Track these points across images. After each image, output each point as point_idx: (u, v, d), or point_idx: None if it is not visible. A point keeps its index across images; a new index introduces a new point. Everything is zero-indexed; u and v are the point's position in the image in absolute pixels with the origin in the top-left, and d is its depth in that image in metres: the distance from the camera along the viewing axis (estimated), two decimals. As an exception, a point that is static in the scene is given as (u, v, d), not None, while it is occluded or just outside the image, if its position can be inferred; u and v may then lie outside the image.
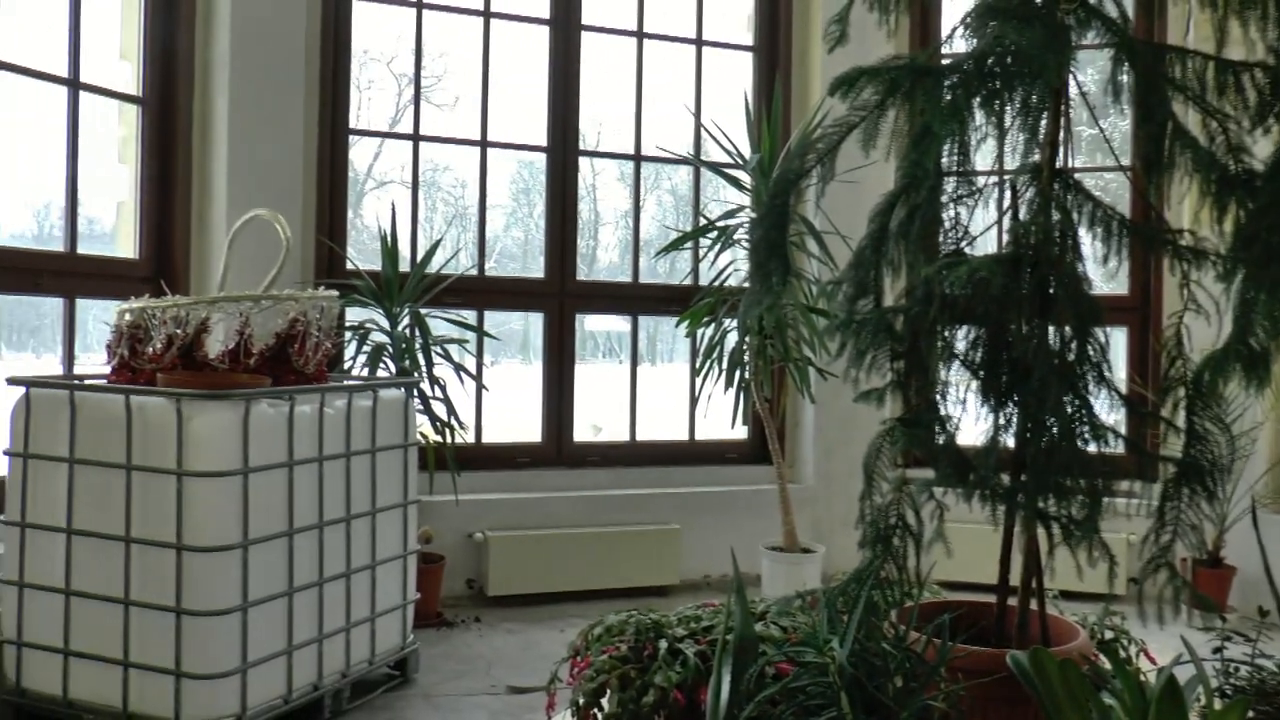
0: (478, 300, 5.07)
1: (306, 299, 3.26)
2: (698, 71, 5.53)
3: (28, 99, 3.94)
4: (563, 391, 5.23)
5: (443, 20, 5.19)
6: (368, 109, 13.47)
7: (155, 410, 2.93)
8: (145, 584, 2.92)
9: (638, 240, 5.60)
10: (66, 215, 4.09)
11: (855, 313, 2.68)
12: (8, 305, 3.86)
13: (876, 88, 2.66)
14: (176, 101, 4.40)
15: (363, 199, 8.09)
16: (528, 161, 10.21)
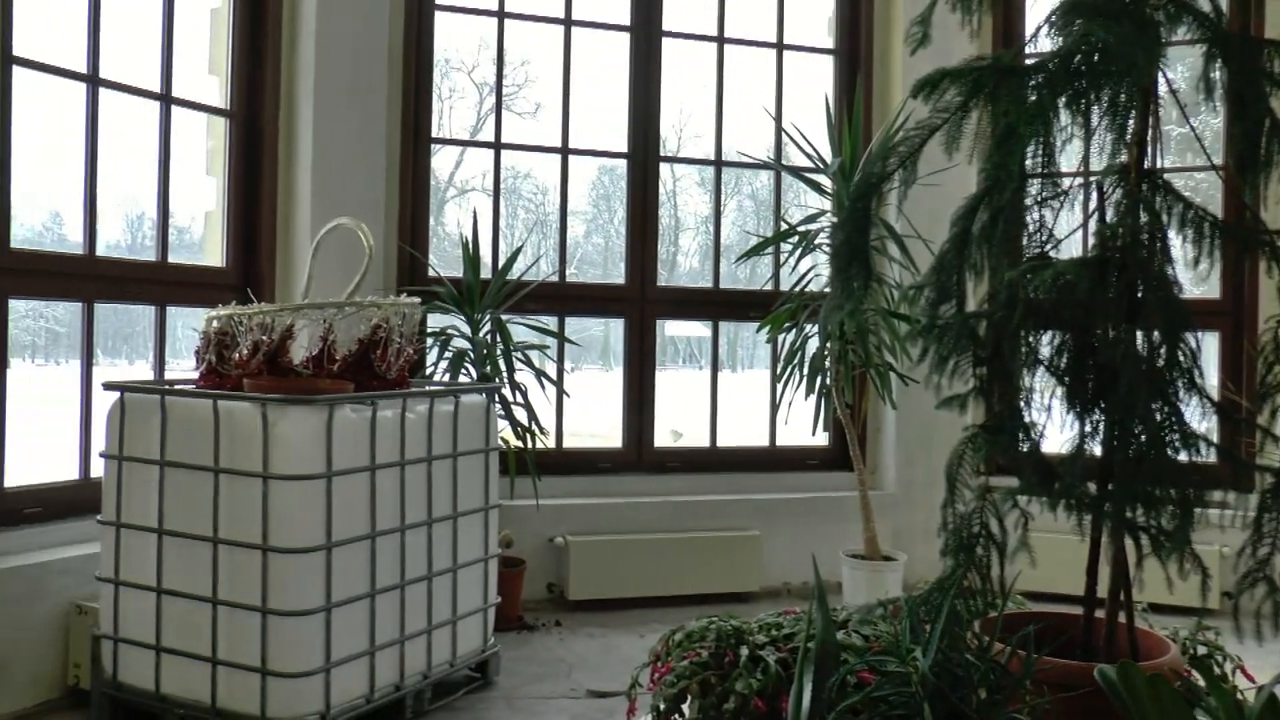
0: (558, 306, 5.09)
1: (389, 306, 3.30)
2: (778, 75, 5.50)
3: (122, 114, 4.05)
4: (643, 397, 5.24)
5: (524, 29, 5.24)
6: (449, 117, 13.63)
7: (242, 415, 2.99)
8: (232, 584, 2.98)
9: (718, 245, 5.59)
10: (158, 226, 4.20)
11: (937, 318, 2.64)
12: (103, 313, 3.97)
13: (959, 89, 2.63)
14: (263, 114, 4.49)
15: (444, 206, 8.18)
16: (608, 168, 10.21)
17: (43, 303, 6.34)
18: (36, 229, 9.49)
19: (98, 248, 3.93)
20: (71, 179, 3.91)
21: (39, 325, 15.54)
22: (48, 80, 3.76)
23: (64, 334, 15.20)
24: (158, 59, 4.16)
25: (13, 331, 3.57)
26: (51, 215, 9.07)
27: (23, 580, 3.35)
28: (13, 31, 3.52)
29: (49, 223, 9.36)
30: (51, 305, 10.50)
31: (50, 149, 4.09)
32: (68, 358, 17.88)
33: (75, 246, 3.96)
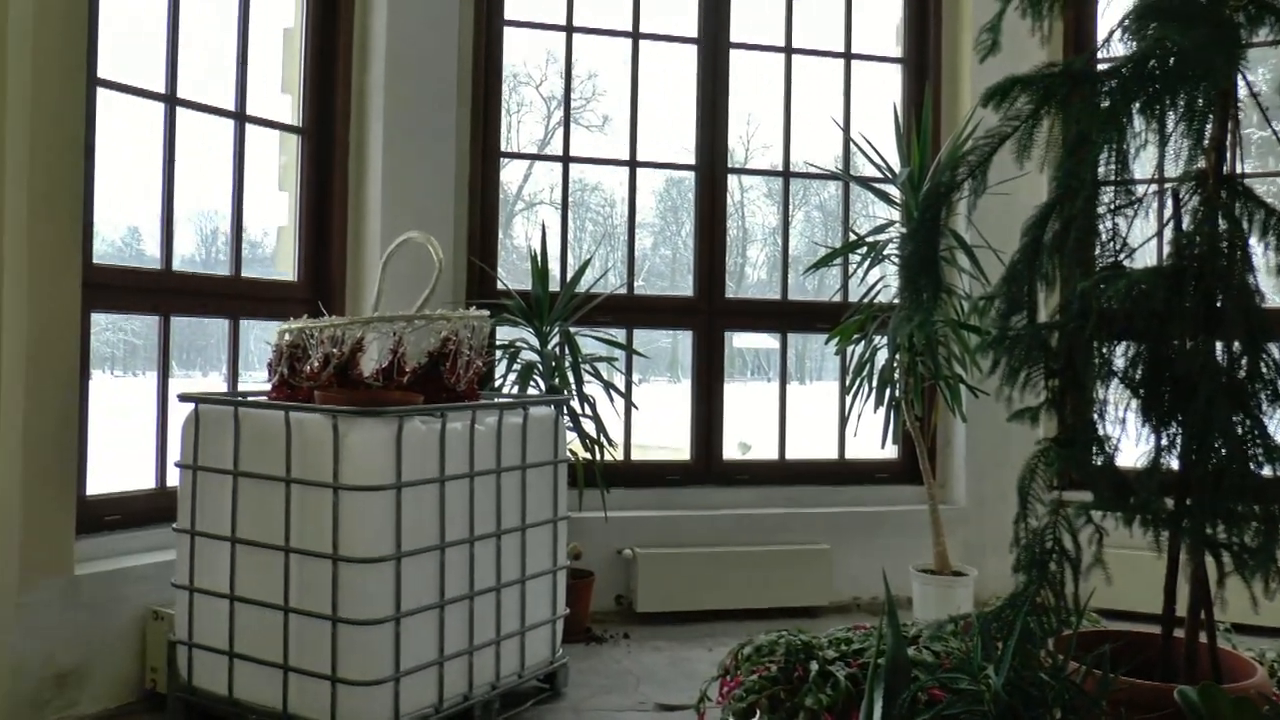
0: (626, 318, 5.10)
1: (458, 319, 3.33)
2: (846, 85, 5.47)
3: (198, 132, 4.14)
4: (711, 409, 5.23)
5: (592, 42, 5.26)
6: (518, 131, 13.73)
7: (313, 426, 3.03)
8: (303, 592, 3.02)
9: (786, 257, 5.56)
10: (231, 241, 4.28)
11: (1008, 329, 2.60)
12: (179, 326, 4.06)
13: (1030, 96, 2.59)
14: (334, 130, 4.56)
15: (513, 220, 8.24)
16: (676, 179, 10.23)
17: (121, 316, 6.48)
18: (116, 244, 9.71)
19: (174, 262, 4.01)
20: (149, 195, 4.00)
21: (118, 338, 15.90)
22: (128, 100, 3.86)
23: (141, 346, 15.54)
24: (233, 78, 4.25)
25: (93, 344, 3.66)
26: (130, 231, 9.28)
27: (103, 585, 3.43)
28: (98, 55, 3.62)
29: (127, 238, 9.57)
30: (130, 318, 10.74)
31: (129, 166, 4.19)
32: (145, 369, 18.26)
33: (152, 261, 4.05)
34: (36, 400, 3.25)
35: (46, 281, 3.28)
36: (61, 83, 3.35)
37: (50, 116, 3.30)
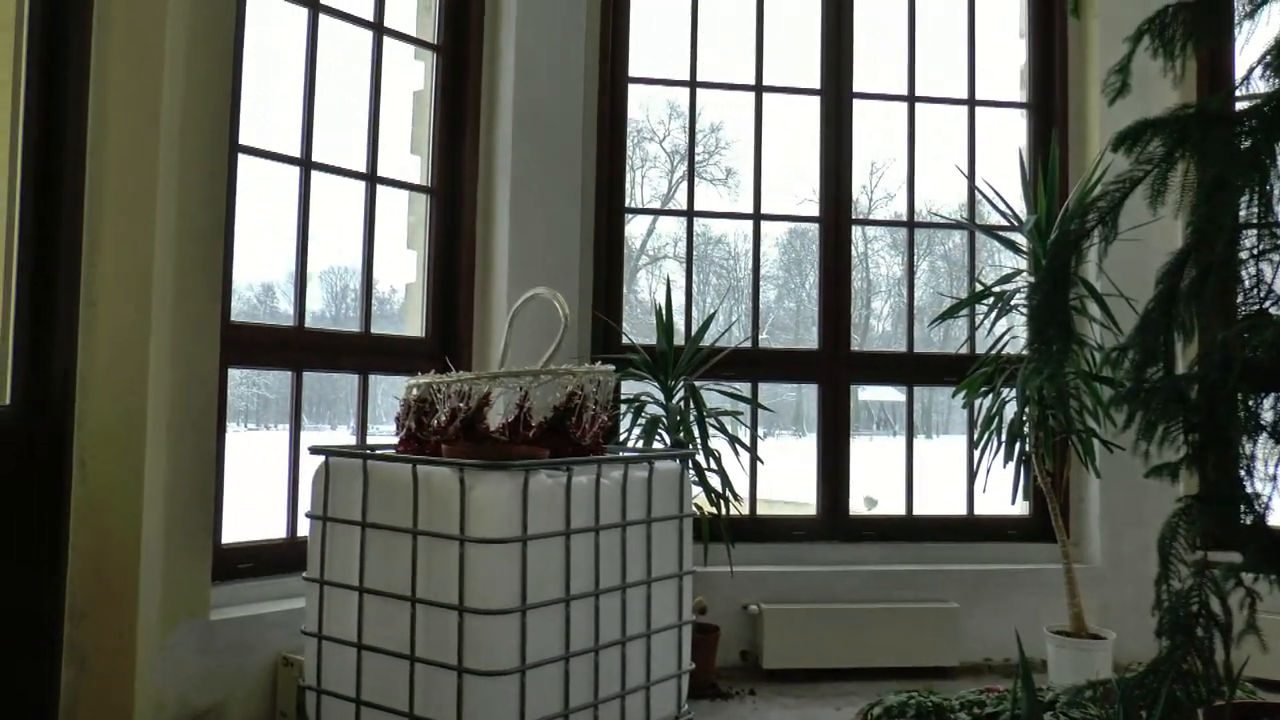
0: (751, 372, 5.09)
1: (584, 373, 3.36)
2: (970, 132, 5.40)
3: (331, 193, 4.29)
4: (837, 463, 5.16)
5: (715, 95, 5.31)
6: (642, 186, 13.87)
7: (440, 479, 3.08)
8: (430, 642, 3.05)
9: (912, 308, 5.49)
10: (361, 298, 4.40)
11: (1143, 381, 2.52)
12: (310, 380, 4.18)
13: (1163, 139, 2.52)
14: (462, 189, 4.67)
15: (637, 274, 8.31)
16: (800, 231, 10.20)
17: (256, 371, 6.71)
18: (251, 301, 10.07)
19: (306, 319, 4.15)
20: (283, 254, 4.15)
21: (251, 392, 16.43)
22: (265, 165, 4.02)
23: (274, 400, 16.03)
24: (364, 141, 4.39)
25: (229, 398, 3.79)
26: (264, 288, 9.62)
27: (236, 631, 3.53)
28: (239, 123, 3.79)
29: (262, 295, 9.92)
30: (263, 373, 11.11)
31: (264, 227, 4.36)
32: (277, 423, 18.83)
33: (286, 318, 4.19)
34: (178, 452, 3.38)
35: (189, 338, 3.42)
36: (207, 150, 3.51)
37: (196, 182, 3.46)
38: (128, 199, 3.25)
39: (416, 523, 3.10)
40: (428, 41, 4.72)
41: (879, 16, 5.44)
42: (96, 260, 3.23)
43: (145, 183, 3.25)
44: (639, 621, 3.45)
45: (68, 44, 3.14)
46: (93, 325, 3.23)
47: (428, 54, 4.74)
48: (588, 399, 3.34)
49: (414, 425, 3.37)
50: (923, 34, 5.36)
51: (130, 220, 3.26)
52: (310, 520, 3.37)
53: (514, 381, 3.28)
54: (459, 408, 3.23)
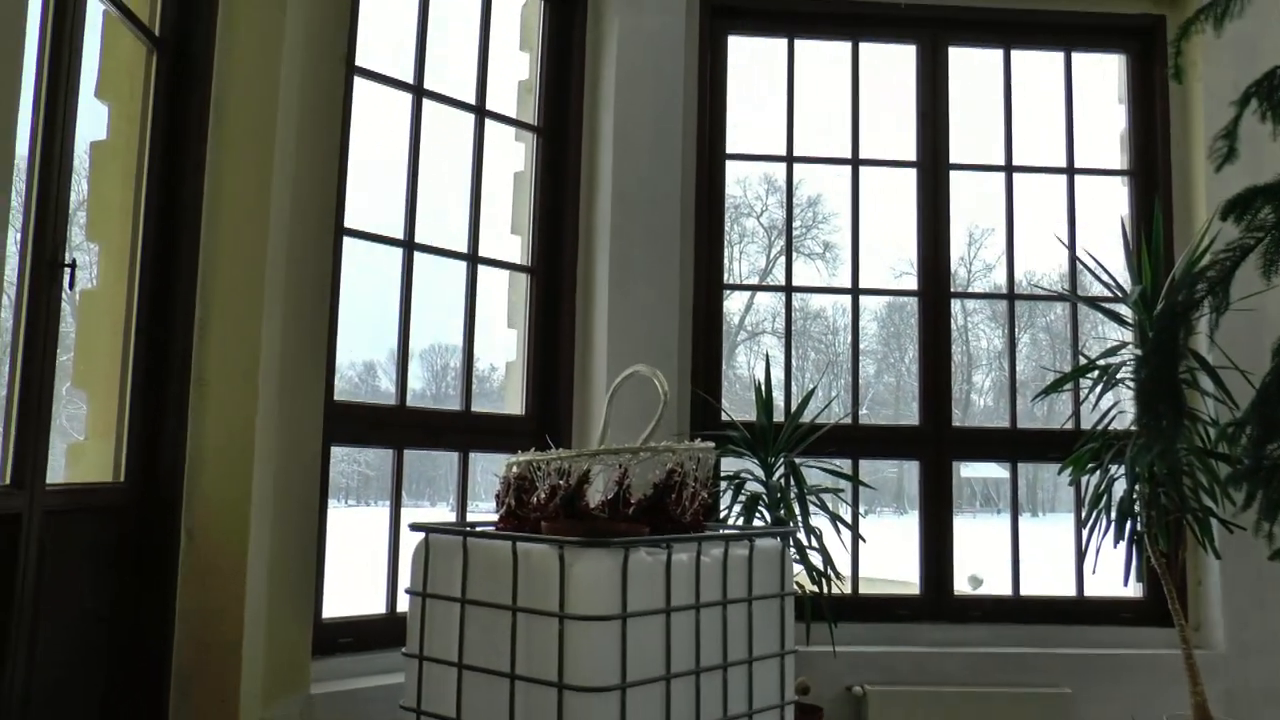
0: (851, 448, 5.02)
1: (683, 450, 3.35)
2: (1070, 201, 5.31)
3: (432, 272, 4.38)
4: (941, 541, 5.05)
5: (811, 169, 5.32)
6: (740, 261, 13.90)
7: (539, 556, 3.08)
8: (530, 718, 3.03)
9: (1014, 382, 5.39)
10: (462, 376, 4.47)
11: (1263, 457, 2.43)
12: (411, 458, 4.25)
13: (1275, 206, 2.46)
14: (561, 267, 4.74)
15: (735, 349, 8.31)
16: (898, 305, 10.13)
17: (357, 448, 6.84)
18: (353, 380, 10.28)
19: (407, 397, 4.21)
20: (385, 333, 4.24)
21: (353, 469, 16.72)
22: (369, 247, 4.13)
23: (374, 477, 16.28)
24: (465, 221, 4.49)
25: (331, 474, 3.86)
26: (366, 366, 9.81)
27: (336, 705, 3.56)
28: (345, 206, 3.90)
29: (364, 374, 10.12)
30: (364, 450, 11.29)
31: (367, 307, 4.47)
32: (377, 499, 19.10)
33: (387, 396, 4.27)
34: (281, 527, 3.45)
35: (294, 417, 3.50)
36: (314, 235, 3.62)
37: (303, 262, 3.57)
38: (237, 282, 3.36)
39: (516, 599, 3.10)
40: (528, 123, 4.82)
41: (974, 85, 5.43)
42: (207, 341, 3.32)
43: (254, 267, 3.35)
44: (740, 701, 3.39)
45: (186, 134, 3.27)
46: (202, 403, 3.31)
47: (528, 135, 4.84)
48: (687, 476, 3.33)
49: (514, 502, 3.38)
50: (1019, 101, 5.33)
51: (240, 303, 3.35)
52: (410, 596, 3.39)
53: (613, 459, 3.29)
54: (559, 485, 3.24)
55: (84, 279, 3.06)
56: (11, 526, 2.41)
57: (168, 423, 3.21)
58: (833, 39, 5.31)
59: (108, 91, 3.07)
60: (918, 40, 5.28)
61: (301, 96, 3.60)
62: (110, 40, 3.05)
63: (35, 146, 2.44)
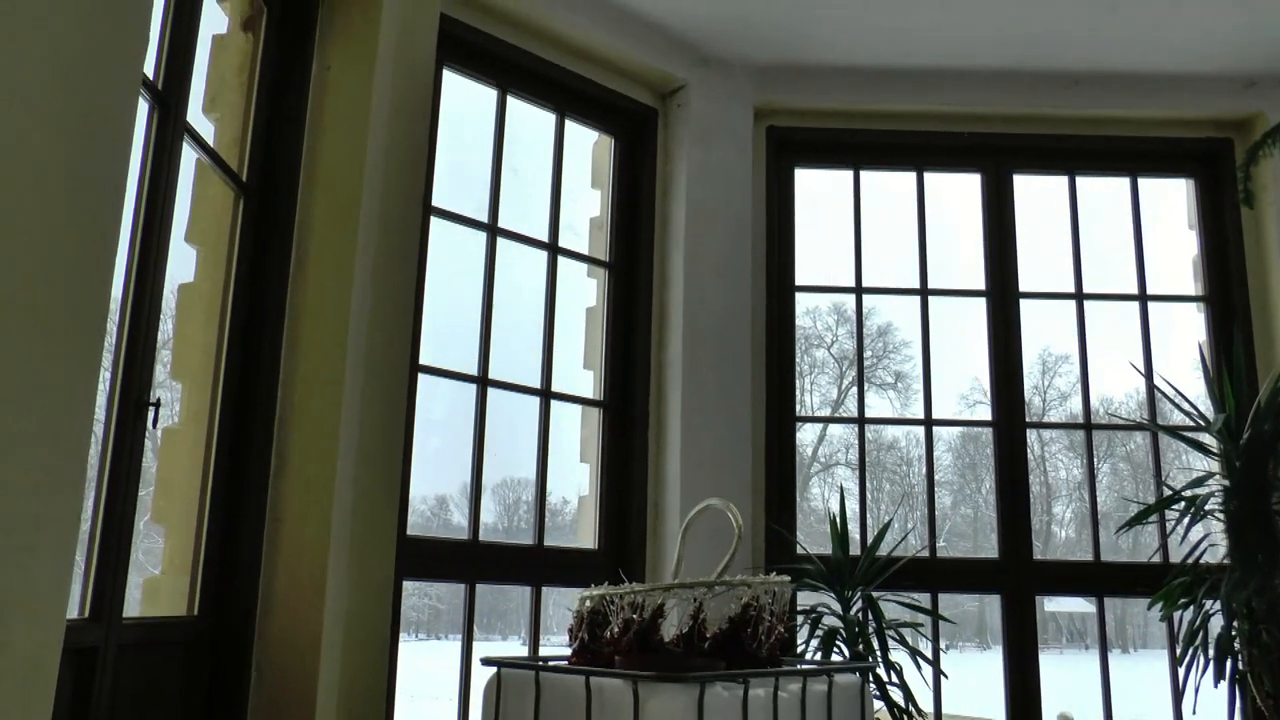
0: (930, 581, 4.91)
1: (758, 584, 3.30)
2: (1144, 328, 5.24)
3: (505, 407, 4.42)
4: (1026, 677, 4.88)
5: (880, 300, 5.33)
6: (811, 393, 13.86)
7: (613, 691, 3.02)
8: None
9: (1095, 513, 5.26)
10: (535, 510, 4.47)
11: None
12: (482, 592, 4.23)
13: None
14: (633, 402, 4.75)
15: (809, 481, 8.25)
16: (973, 435, 10.01)
17: (428, 582, 6.84)
18: (425, 514, 10.30)
19: (480, 531, 4.21)
20: (458, 468, 4.26)
21: (424, 603, 16.66)
22: (443, 383, 4.18)
23: (445, 611, 16.19)
24: (538, 356, 4.54)
25: (403, 609, 3.85)
26: (438, 501, 9.84)
27: None
28: (420, 343, 3.97)
29: (436, 508, 10.14)
30: (435, 585, 11.24)
31: (441, 441, 4.51)
32: (448, 633, 18.93)
33: (459, 530, 4.27)
34: (352, 661, 3.42)
35: (367, 551, 3.51)
36: (389, 371, 3.68)
37: (378, 399, 3.62)
38: (314, 420, 3.40)
39: (590, 738, 3.04)
40: (600, 259, 4.90)
41: (1041, 211, 5.43)
42: (283, 477, 3.36)
43: (331, 406, 3.40)
44: None
45: (268, 276, 3.36)
46: (276, 539, 3.34)
47: (600, 271, 4.92)
48: (763, 610, 3.27)
49: (587, 636, 3.34)
50: (1087, 227, 5.31)
51: (316, 439, 3.40)
52: (482, 732, 3.35)
53: (688, 593, 3.25)
54: (632, 619, 3.19)
55: (166, 416, 3.13)
56: (88, 659, 2.42)
57: (242, 558, 3.23)
58: (897, 169, 5.36)
59: (196, 235, 3.18)
60: (981, 169, 5.32)
61: (379, 237, 3.70)
62: (201, 186, 3.17)
63: (128, 290, 2.53)
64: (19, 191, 1.63)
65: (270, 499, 3.33)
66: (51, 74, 1.71)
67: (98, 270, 1.89)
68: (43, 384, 1.70)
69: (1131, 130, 5.31)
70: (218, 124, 3.28)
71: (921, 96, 5.23)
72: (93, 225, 1.86)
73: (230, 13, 3.37)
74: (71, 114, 1.78)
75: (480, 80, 4.54)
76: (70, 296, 1.78)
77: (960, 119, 5.29)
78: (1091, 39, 4.92)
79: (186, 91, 2.80)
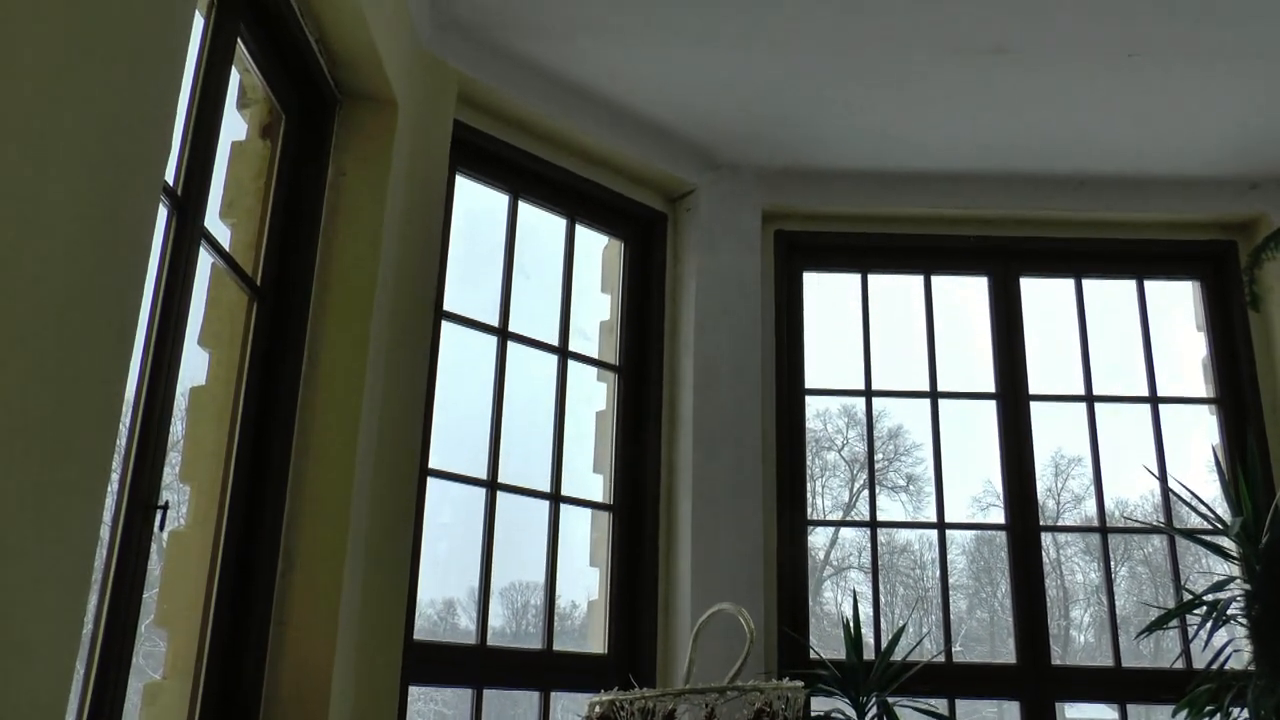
0: (946, 687, 4.81)
1: (771, 689, 3.25)
2: (1156, 430, 5.19)
3: (515, 511, 4.40)
4: (1047, 789, 4.76)
5: (891, 403, 5.32)
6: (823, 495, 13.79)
7: (625, 806, 2.96)
8: None
9: (1114, 618, 5.18)
10: (544, 615, 4.42)
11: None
12: (490, 696, 4.16)
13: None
14: (644, 504, 4.73)
15: (822, 585, 8.17)
16: (987, 538, 9.95)
17: (435, 688, 6.73)
18: (433, 618, 10.18)
19: (488, 635, 4.16)
20: (466, 572, 4.23)
21: (430, 708, 16.39)
22: (452, 486, 4.17)
23: (451, 716, 15.92)
24: (548, 460, 4.53)
25: (408, 714, 3.78)
26: (445, 604, 9.74)
27: None
28: (430, 447, 3.97)
29: (443, 612, 10.03)
30: (442, 690, 11.07)
31: (449, 545, 4.48)
32: (455, 738, 18.61)
33: (466, 634, 4.23)
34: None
35: (373, 656, 3.46)
36: (399, 473, 3.67)
37: (386, 503, 3.60)
38: (322, 525, 3.39)
39: None
40: (610, 363, 4.92)
41: (1049, 314, 5.45)
42: (290, 580, 3.33)
43: (339, 509, 3.39)
44: None
45: (280, 380, 3.38)
46: (281, 644, 3.30)
47: (610, 375, 4.93)
48: (776, 715, 3.22)
49: (597, 745, 3.28)
50: (1096, 328, 5.31)
51: (323, 545, 3.37)
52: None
53: (699, 698, 3.20)
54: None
55: (173, 518, 3.12)
56: (85, 771, 2.38)
57: (246, 663, 3.19)
58: (905, 273, 5.40)
59: (209, 338, 3.21)
60: (989, 272, 5.35)
61: (391, 342, 3.72)
62: (215, 290, 3.20)
63: (140, 393, 2.53)
64: (38, 295, 1.65)
65: (276, 602, 3.30)
66: (77, 183, 1.74)
67: (113, 375, 1.90)
68: (53, 486, 1.70)
69: (1136, 233, 5.35)
70: (234, 228, 3.33)
71: (928, 200, 5.29)
72: (109, 330, 1.88)
73: (250, 120, 3.43)
74: (93, 220, 1.81)
75: (492, 185, 4.61)
76: (85, 400, 1.79)
77: (967, 222, 5.34)
78: (1094, 142, 4.98)
79: (205, 197, 2.85)
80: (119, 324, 1.92)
